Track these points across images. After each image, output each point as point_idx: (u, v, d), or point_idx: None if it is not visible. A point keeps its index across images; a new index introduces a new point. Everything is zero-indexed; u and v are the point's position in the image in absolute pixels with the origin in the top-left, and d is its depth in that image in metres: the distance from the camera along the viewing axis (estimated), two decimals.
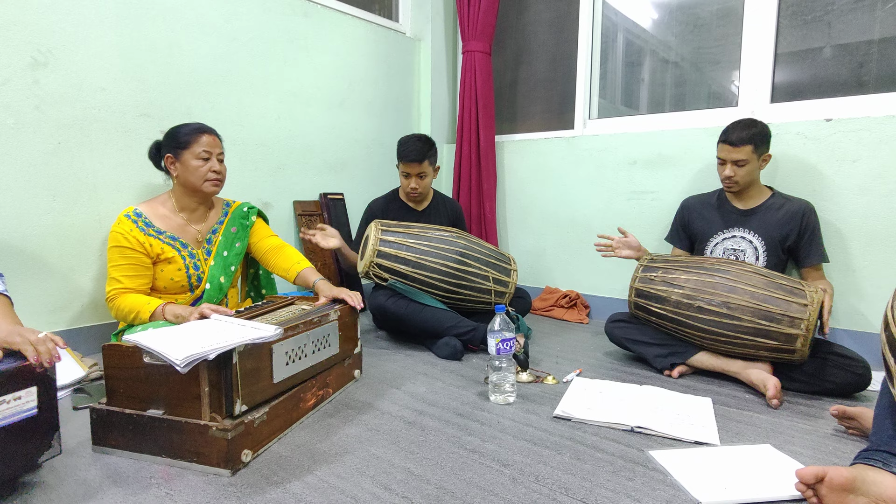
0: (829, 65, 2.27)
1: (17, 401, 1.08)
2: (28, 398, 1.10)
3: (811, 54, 2.32)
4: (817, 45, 2.30)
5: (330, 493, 1.11)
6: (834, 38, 2.25)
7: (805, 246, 1.98)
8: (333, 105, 2.80)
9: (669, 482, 1.18)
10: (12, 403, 1.07)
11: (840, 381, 1.69)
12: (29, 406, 1.10)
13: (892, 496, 1.05)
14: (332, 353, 1.61)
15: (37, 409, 1.11)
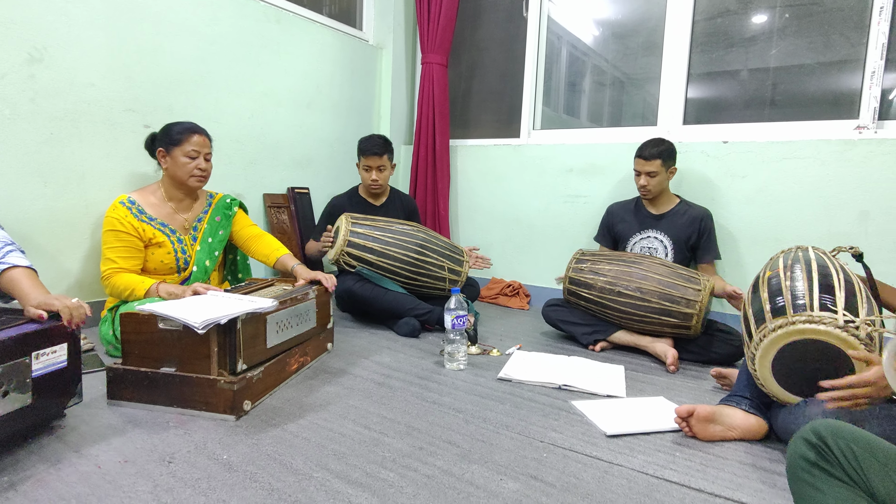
0: (729, 94, 2.73)
1: (53, 354, 1.29)
2: (60, 352, 1.31)
3: (716, 85, 2.78)
4: (721, 78, 2.75)
5: (320, 431, 1.39)
6: (735, 72, 2.71)
7: (703, 245, 2.42)
8: (301, 106, 3.02)
9: (585, 421, 1.53)
10: (50, 356, 1.28)
11: (723, 352, 2.12)
12: (61, 359, 1.31)
13: (738, 424, 1.45)
14: (310, 325, 1.87)
15: (66, 363, 1.32)
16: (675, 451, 1.37)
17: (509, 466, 1.26)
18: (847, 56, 2.42)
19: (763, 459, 1.35)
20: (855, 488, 0.75)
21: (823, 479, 0.77)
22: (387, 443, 1.34)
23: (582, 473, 1.24)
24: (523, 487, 1.17)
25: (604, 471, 1.26)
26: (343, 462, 1.24)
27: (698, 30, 2.73)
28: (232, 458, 1.24)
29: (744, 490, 1.20)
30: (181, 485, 1.12)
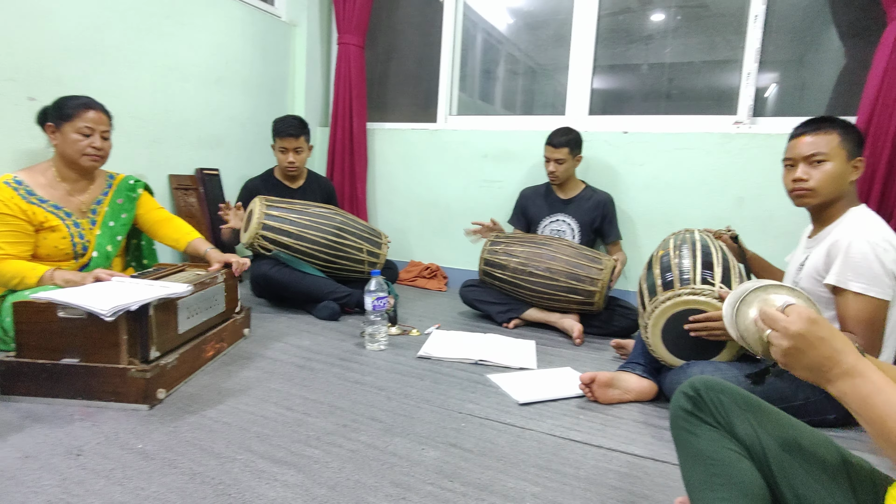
0: (630, 87, 2.95)
1: None
2: None
3: (618, 78, 2.99)
4: (623, 72, 2.97)
5: (241, 415, 1.38)
6: (636, 66, 2.93)
7: (606, 227, 2.62)
8: (210, 82, 2.87)
9: (500, 392, 1.63)
10: None
11: (623, 325, 2.32)
12: None
13: (633, 387, 1.62)
14: (219, 310, 1.82)
15: None
16: (579, 414, 1.51)
17: (430, 437, 1.33)
18: (728, 57, 2.70)
19: (653, 417, 1.52)
20: (722, 430, 0.89)
21: (698, 424, 0.90)
22: (310, 422, 1.36)
23: (497, 439, 1.34)
24: (443, 455, 1.25)
25: (517, 435, 1.37)
26: (267, 443, 1.25)
27: (603, 25, 2.91)
28: (148, 446, 1.20)
29: (637, 444, 1.36)
30: (93, 476, 1.08)
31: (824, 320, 0.71)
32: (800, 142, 1.50)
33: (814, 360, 0.69)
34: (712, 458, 0.86)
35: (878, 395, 0.63)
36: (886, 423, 0.61)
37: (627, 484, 1.18)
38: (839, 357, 0.67)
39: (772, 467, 0.84)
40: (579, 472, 1.21)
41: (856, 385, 0.65)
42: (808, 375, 0.70)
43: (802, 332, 0.69)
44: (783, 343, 0.71)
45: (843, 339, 0.69)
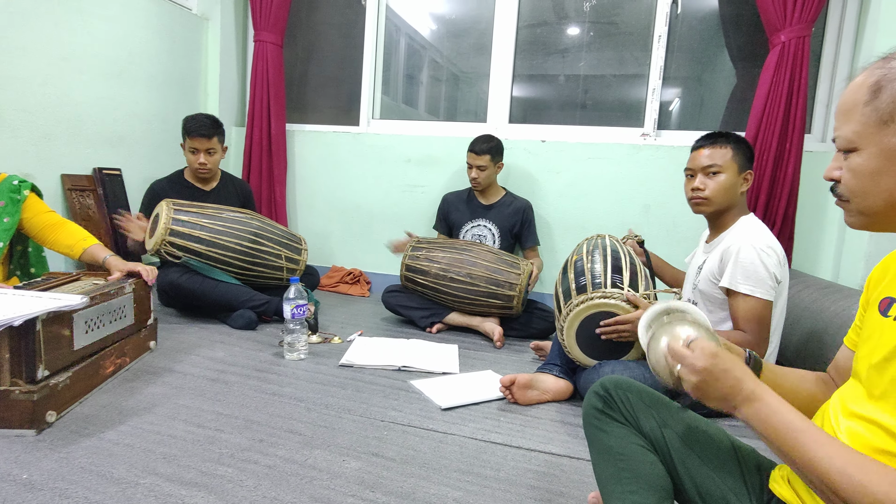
0: (548, 97, 3.07)
1: None
2: None
3: (537, 88, 3.10)
4: (542, 82, 3.08)
5: (146, 435, 1.28)
6: (553, 77, 3.05)
7: (525, 233, 2.70)
8: (111, 75, 2.65)
9: (422, 398, 1.64)
10: None
11: (541, 327, 2.40)
12: None
13: (550, 387, 1.68)
14: (127, 323, 1.69)
15: None
16: (500, 416, 1.55)
17: (351, 447, 1.31)
18: (636, 72, 2.89)
19: (569, 416, 1.59)
20: (630, 427, 0.94)
21: (608, 422, 0.95)
22: (223, 439, 1.29)
23: (419, 446, 1.34)
24: (365, 465, 1.23)
25: (439, 441, 1.37)
26: (174, 464, 1.17)
27: (522, 36, 3.01)
28: (34, 476, 1.09)
29: (554, 443, 1.41)
30: None
31: (724, 352, 0.76)
32: (699, 154, 1.64)
33: (720, 392, 0.73)
34: (621, 453, 0.91)
35: (774, 416, 0.69)
36: (785, 442, 0.66)
37: (545, 483, 1.22)
38: (741, 385, 0.72)
39: (673, 459, 0.90)
40: (499, 474, 1.24)
41: (756, 409, 0.70)
42: (718, 405, 0.75)
43: (708, 367, 0.73)
44: (692, 378, 0.75)
45: (742, 368, 0.74)
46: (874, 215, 0.68)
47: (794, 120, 2.37)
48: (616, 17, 2.89)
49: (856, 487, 0.59)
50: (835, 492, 0.61)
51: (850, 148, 0.68)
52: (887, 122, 0.64)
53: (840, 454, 0.62)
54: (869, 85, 0.66)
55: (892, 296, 0.75)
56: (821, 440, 0.64)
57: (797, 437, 0.65)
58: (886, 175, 0.65)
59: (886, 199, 0.66)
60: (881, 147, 0.65)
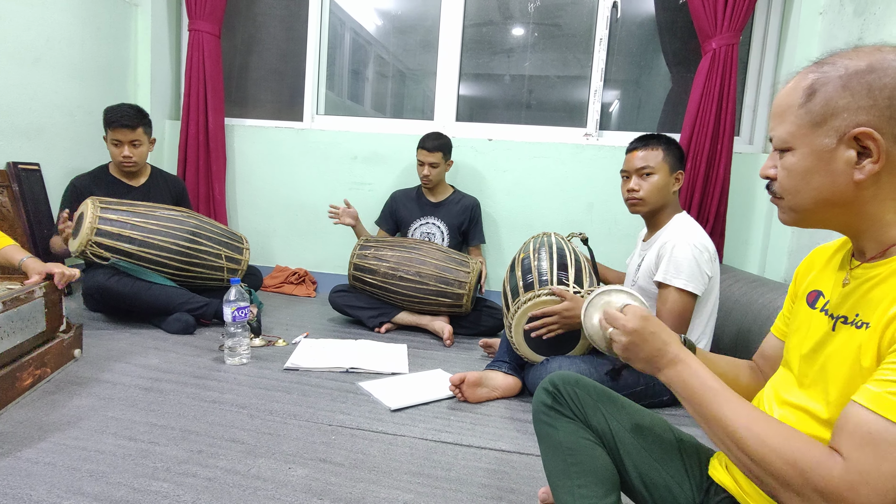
0: (494, 96, 3.10)
1: None
2: None
3: (483, 87, 3.12)
4: (488, 81, 3.10)
5: (70, 452, 1.19)
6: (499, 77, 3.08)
7: (472, 230, 2.72)
8: (25, 62, 2.44)
9: (371, 400, 1.61)
10: None
11: (490, 325, 2.42)
12: None
13: (499, 385, 1.69)
14: (39, 330, 1.56)
15: None
16: (450, 415, 1.54)
17: (297, 454, 1.26)
18: (579, 74, 2.95)
19: (518, 412, 1.60)
20: (578, 422, 0.96)
21: (557, 417, 0.96)
22: (158, 452, 1.22)
23: (368, 449, 1.31)
24: (312, 472, 1.19)
25: (389, 443, 1.35)
26: (103, 482, 1.09)
27: (468, 35, 3.02)
28: None
29: (504, 440, 1.41)
30: None
31: (654, 318, 0.81)
32: (633, 156, 1.69)
33: (647, 353, 0.78)
34: (570, 448, 0.92)
35: (694, 377, 0.73)
36: (701, 401, 0.71)
37: (496, 480, 1.22)
38: (666, 348, 0.77)
39: (619, 451, 0.92)
40: (450, 474, 1.23)
41: (678, 371, 0.75)
42: (644, 367, 0.80)
43: (637, 328, 0.78)
44: (622, 339, 0.80)
45: (668, 333, 0.79)
46: (805, 212, 0.72)
47: (725, 123, 2.49)
48: (559, 19, 2.95)
49: (756, 441, 0.63)
50: (739, 446, 0.65)
51: (784, 147, 0.71)
52: (819, 124, 0.67)
53: (746, 413, 0.66)
54: (803, 88, 0.69)
55: (818, 289, 0.79)
56: (733, 400, 0.68)
57: (711, 396, 0.70)
58: (817, 174, 0.68)
59: (816, 197, 0.69)
60: (813, 147, 0.68)
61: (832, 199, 0.68)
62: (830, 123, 0.66)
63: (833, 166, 0.67)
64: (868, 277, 0.68)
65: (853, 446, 0.58)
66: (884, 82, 0.63)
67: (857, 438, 0.57)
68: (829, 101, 0.66)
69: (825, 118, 0.67)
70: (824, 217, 0.71)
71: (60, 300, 1.69)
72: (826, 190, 0.68)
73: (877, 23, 2.00)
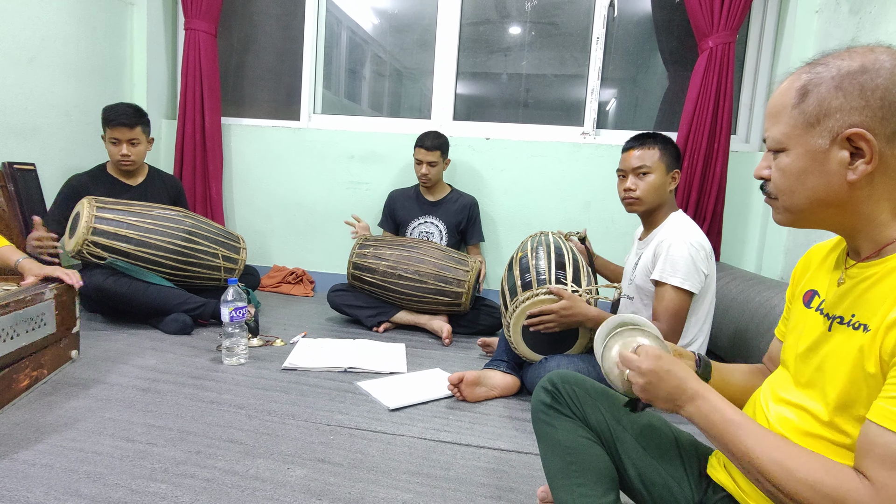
0: (492, 95, 3.09)
1: None
2: None
3: (480, 86, 3.12)
4: (485, 80, 3.10)
5: (67, 454, 1.18)
6: (496, 75, 3.07)
7: (470, 229, 2.72)
8: (20, 61, 2.43)
9: (370, 400, 1.60)
10: None
11: (488, 324, 2.42)
12: None
13: (498, 383, 1.69)
14: (48, 332, 1.56)
15: None
16: (448, 414, 1.54)
17: (296, 454, 1.26)
18: (576, 72, 2.95)
19: (517, 411, 1.60)
20: (576, 420, 0.96)
21: (556, 416, 0.96)
22: (156, 453, 1.21)
23: (367, 449, 1.31)
24: (311, 472, 1.19)
25: (387, 443, 1.35)
26: (101, 483, 1.08)
27: (465, 34, 3.01)
28: None
29: (503, 439, 1.42)
30: None
31: (668, 355, 0.80)
32: (629, 155, 1.69)
33: (666, 392, 0.77)
34: (569, 446, 0.92)
35: (714, 412, 0.72)
36: (724, 436, 0.70)
37: (495, 479, 1.22)
38: (684, 385, 0.75)
39: (618, 450, 0.92)
40: (449, 473, 1.23)
41: (698, 407, 0.74)
42: (665, 405, 0.78)
43: (653, 368, 0.77)
44: (639, 380, 0.79)
45: (684, 369, 0.77)
46: (799, 212, 0.72)
47: (722, 121, 2.50)
48: (556, 17, 2.95)
49: (785, 473, 0.63)
50: (767, 478, 0.64)
51: (778, 148, 0.71)
52: (813, 125, 0.67)
53: (772, 444, 0.66)
54: (796, 88, 0.69)
55: (814, 289, 0.79)
56: (756, 433, 0.68)
57: (735, 430, 0.69)
58: (812, 174, 0.68)
59: (810, 198, 0.69)
60: (807, 148, 0.68)
61: (826, 199, 0.68)
62: (824, 124, 0.66)
63: (827, 167, 0.67)
64: (864, 277, 0.68)
65: (882, 471, 0.58)
66: (876, 83, 0.64)
67: (885, 462, 0.58)
68: (822, 102, 0.66)
69: (819, 119, 0.67)
70: (819, 217, 0.71)
71: (74, 301, 1.69)
72: (820, 190, 0.68)
73: (872, 21, 2.00)
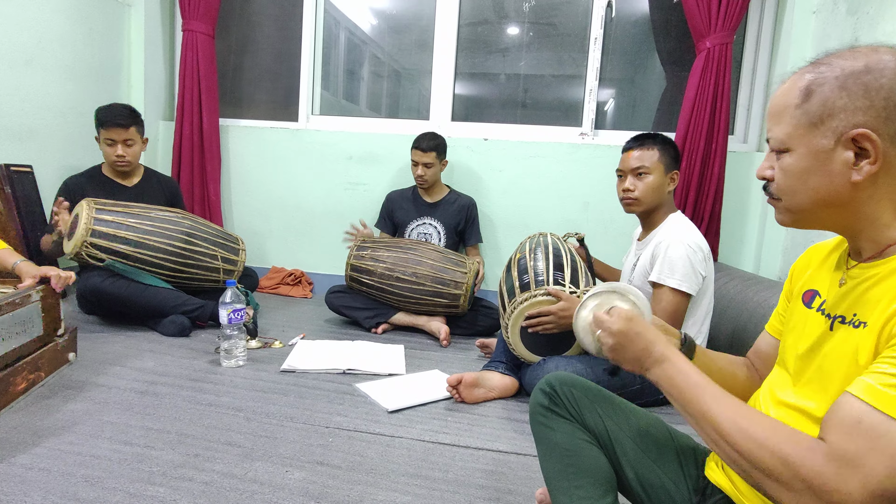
0: (490, 95, 3.10)
1: None
2: None
3: (479, 86, 3.12)
4: (483, 80, 3.10)
5: (65, 457, 1.18)
6: (495, 76, 3.07)
7: (469, 230, 2.72)
8: (17, 63, 2.43)
9: (369, 402, 1.60)
10: None
11: (486, 325, 2.42)
12: None
13: (496, 385, 1.69)
14: (36, 334, 1.55)
15: None
16: (447, 416, 1.54)
17: (294, 457, 1.26)
18: (574, 73, 2.95)
19: (515, 412, 1.60)
20: (575, 422, 0.96)
21: (553, 418, 0.96)
22: (154, 456, 1.21)
23: (366, 451, 1.31)
24: (309, 475, 1.19)
25: (386, 445, 1.35)
26: (98, 487, 1.08)
27: (463, 34, 3.01)
28: None
29: (501, 440, 1.42)
30: None
31: (640, 318, 0.81)
32: (628, 156, 1.69)
33: (633, 353, 0.78)
34: (567, 449, 0.92)
35: (679, 374, 0.73)
36: (687, 398, 0.71)
37: (493, 481, 1.22)
38: (651, 348, 0.77)
39: (616, 452, 0.92)
40: (448, 475, 1.23)
41: (664, 369, 0.75)
42: (632, 367, 0.80)
43: (622, 329, 0.79)
44: (609, 341, 0.81)
45: (654, 332, 0.79)
46: (802, 213, 0.72)
47: (719, 122, 2.50)
48: (554, 18, 2.95)
49: (741, 433, 0.63)
50: (726, 440, 0.65)
51: (781, 148, 0.71)
52: (816, 125, 0.67)
53: (731, 407, 0.66)
54: (800, 88, 0.69)
55: (814, 288, 0.79)
56: (717, 395, 0.68)
57: (697, 392, 0.70)
58: (815, 175, 0.68)
59: (813, 198, 0.69)
60: (810, 148, 0.68)
61: (830, 199, 0.68)
62: (828, 124, 0.66)
63: (830, 167, 0.67)
64: (865, 277, 0.68)
65: (841, 435, 0.57)
66: (880, 83, 0.63)
67: (846, 427, 0.57)
68: (826, 102, 0.66)
69: (822, 119, 0.66)
70: (822, 218, 0.71)
71: (58, 303, 1.68)
72: (823, 191, 0.68)
73: (870, 22, 2.00)
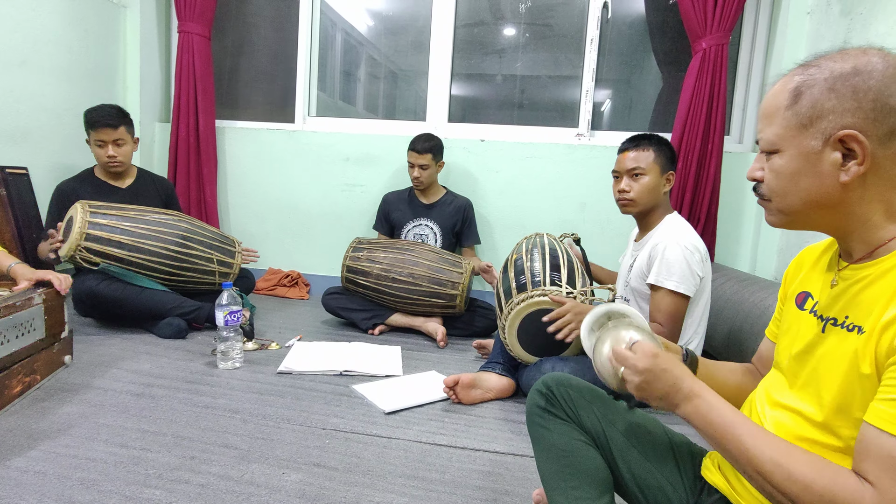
0: (486, 96, 3.10)
1: None
2: None
3: (475, 87, 3.12)
4: (480, 81, 3.10)
5: (60, 460, 1.18)
6: (491, 77, 3.08)
7: (466, 231, 2.72)
8: (11, 65, 2.42)
9: (366, 403, 1.60)
10: None
11: (483, 325, 2.42)
12: None
13: (493, 386, 1.69)
14: (37, 337, 1.55)
15: None
16: (444, 417, 1.54)
17: (291, 459, 1.26)
18: (571, 74, 2.96)
19: (512, 413, 1.61)
20: (571, 423, 0.96)
21: (550, 419, 0.96)
22: (150, 459, 1.21)
23: (363, 452, 1.31)
24: (306, 476, 1.19)
25: (383, 446, 1.35)
26: (94, 490, 1.08)
27: (460, 35, 3.02)
28: None
29: (498, 441, 1.42)
30: None
31: (664, 353, 0.78)
32: (624, 157, 1.69)
33: (661, 390, 0.75)
34: (564, 449, 0.92)
35: (713, 412, 0.71)
36: (723, 437, 0.69)
37: (490, 482, 1.22)
38: (680, 384, 0.74)
39: (613, 453, 0.92)
40: (444, 477, 1.23)
41: (696, 406, 0.72)
42: (660, 404, 0.76)
43: (649, 366, 0.75)
44: (635, 379, 0.77)
45: (680, 367, 0.76)
46: (793, 214, 0.72)
47: (715, 122, 2.51)
48: (550, 19, 2.95)
49: (784, 474, 0.63)
50: (766, 479, 0.64)
51: (772, 150, 0.71)
52: (806, 126, 0.68)
53: (770, 445, 0.65)
54: (789, 90, 0.69)
55: (806, 290, 0.80)
56: (753, 433, 0.67)
57: (732, 430, 0.68)
58: (805, 176, 0.69)
59: (804, 199, 0.69)
60: (800, 149, 0.68)
61: (820, 200, 0.68)
62: (817, 125, 0.67)
63: (819, 168, 0.67)
64: (857, 279, 0.68)
65: (881, 473, 0.58)
66: (868, 85, 0.64)
67: (886, 467, 0.58)
68: (815, 104, 0.67)
69: (812, 120, 0.67)
70: (812, 219, 0.71)
71: (62, 306, 1.68)
72: (813, 192, 0.68)
73: (863, 22, 2.01)
